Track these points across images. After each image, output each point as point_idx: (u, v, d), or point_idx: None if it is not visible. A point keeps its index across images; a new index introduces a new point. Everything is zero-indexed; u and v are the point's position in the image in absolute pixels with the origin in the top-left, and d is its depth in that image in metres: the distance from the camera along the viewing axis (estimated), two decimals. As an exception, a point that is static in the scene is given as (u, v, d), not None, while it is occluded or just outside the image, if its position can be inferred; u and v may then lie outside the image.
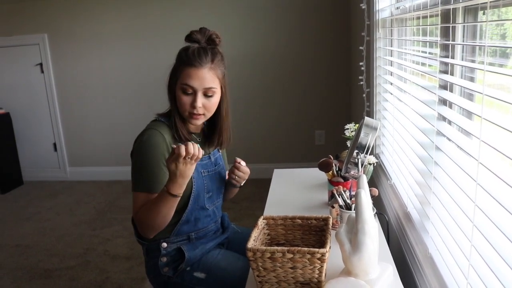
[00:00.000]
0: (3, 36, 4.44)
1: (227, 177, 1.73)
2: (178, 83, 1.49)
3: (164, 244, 1.58)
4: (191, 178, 1.51)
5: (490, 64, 1.14)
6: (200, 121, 1.55)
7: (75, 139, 4.64)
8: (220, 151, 1.77)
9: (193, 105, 1.48)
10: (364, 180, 1.22)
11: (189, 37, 1.51)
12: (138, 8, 4.17)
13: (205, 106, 1.50)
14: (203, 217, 1.63)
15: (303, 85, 4.18)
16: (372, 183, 2.16)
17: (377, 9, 2.30)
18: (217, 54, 1.51)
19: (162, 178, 1.47)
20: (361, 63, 2.69)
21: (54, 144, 4.66)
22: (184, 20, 4.09)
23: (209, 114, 1.55)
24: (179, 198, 1.41)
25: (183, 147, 1.29)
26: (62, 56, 4.41)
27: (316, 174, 2.04)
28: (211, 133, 1.67)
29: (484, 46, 0.99)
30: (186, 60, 1.47)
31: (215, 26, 1.55)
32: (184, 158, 1.30)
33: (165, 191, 1.38)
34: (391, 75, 2.16)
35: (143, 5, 4.15)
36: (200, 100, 1.48)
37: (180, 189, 1.38)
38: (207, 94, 1.49)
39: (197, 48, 1.48)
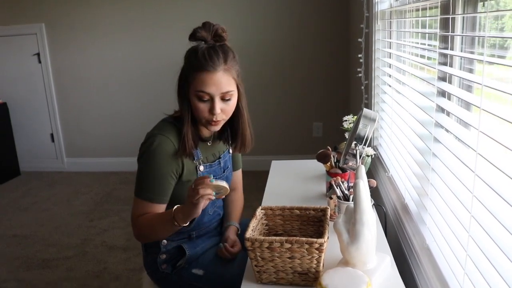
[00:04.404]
0: (0, 26, 4.41)
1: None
2: (191, 90, 1.39)
3: (164, 242, 1.56)
4: None
5: (491, 55, 1.14)
6: (219, 126, 1.46)
7: (72, 130, 4.62)
8: (231, 152, 1.70)
9: (211, 112, 1.39)
10: (363, 170, 1.22)
11: (194, 36, 1.39)
12: (136, -2, 4.15)
13: (224, 111, 1.42)
14: (205, 220, 1.62)
15: (301, 77, 4.18)
16: (369, 175, 2.17)
17: (376, 1, 2.29)
18: (228, 52, 1.39)
19: (167, 189, 1.46)
20: (359, 55, 2.68)
21: (52, 135, 4.64)
22: (183, 11, 4.07)
23: (227, 117, 1.46)
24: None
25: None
26: (59, 46, 4.39)
27: (314, 166, 2.05)
28: (232, 137, 1.59)
29: (484, 37, 0.99)
30: (197, 65, 1.36)
31: (212, 18, 1.46)
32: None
33: (172, 218, 1.34)
34: (390, 67, 2.16)
35: (141, -4, 4.13)
36: (218, 106, 1.39)
37: (187, 222, 1.35)
38: (224, 98, 1.40)
39: (207, 49, 1.37)
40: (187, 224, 1.36)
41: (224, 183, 1.28)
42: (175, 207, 1.35)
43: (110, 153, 4.59)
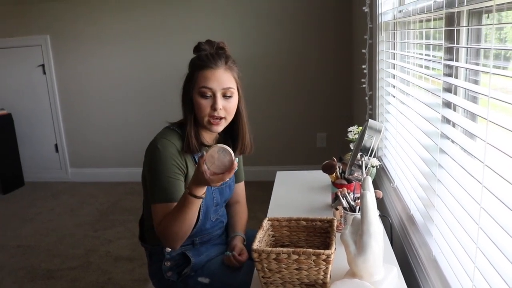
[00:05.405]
0: (6, 37, 4.45)
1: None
2: (195, 88, 1.46)
3: (168, 249, 1.57)
4: None
5: (494, 67, 1.14)
6: (221, 126, 1.50)
7: (76, 140, 4.64)
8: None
9: (213, 107, 1.45)
10: (369, 182, 1.23)
11: (198, 48, 1.50)
12: (140, 9, 4.18)
13: (225, 108, 1.47)
14: (208, 226, 1.62)
15: (305, 88, 4.19)
16: (374, 186, 2.16)
17: (379, 12, 2.31)
18: (229, 57, 1.50)
19: (179, 187, 1.46)
20: (363, 66, 2.69)
21: (56, 145, 4.66)
22: (186, 22, 4.10)
23: (229, 118, 1.51)
24: (202, 200, 1.37)
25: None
26: (64, 57, 4.43)
27: (318, 176, 2.05)
28: (232, 140, 1.62)
29: (490, 49, 1.00)
30: (200, 64, 1.46)
31: (216, 29, 1.55)
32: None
33: (188, 195, 1.32)
34: (394, 78, 2.17)
35: (145, 7, 4.16)
36: (220, 102, 1.45)
37: (203, 190, 1.34)
38: (226, 95, 1.47)
39: (210, 53, 1.48)
40: (204, 193, 1.35)
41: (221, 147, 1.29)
42: (187, 191, 1.34)
43: (115, 163, 4.60)
